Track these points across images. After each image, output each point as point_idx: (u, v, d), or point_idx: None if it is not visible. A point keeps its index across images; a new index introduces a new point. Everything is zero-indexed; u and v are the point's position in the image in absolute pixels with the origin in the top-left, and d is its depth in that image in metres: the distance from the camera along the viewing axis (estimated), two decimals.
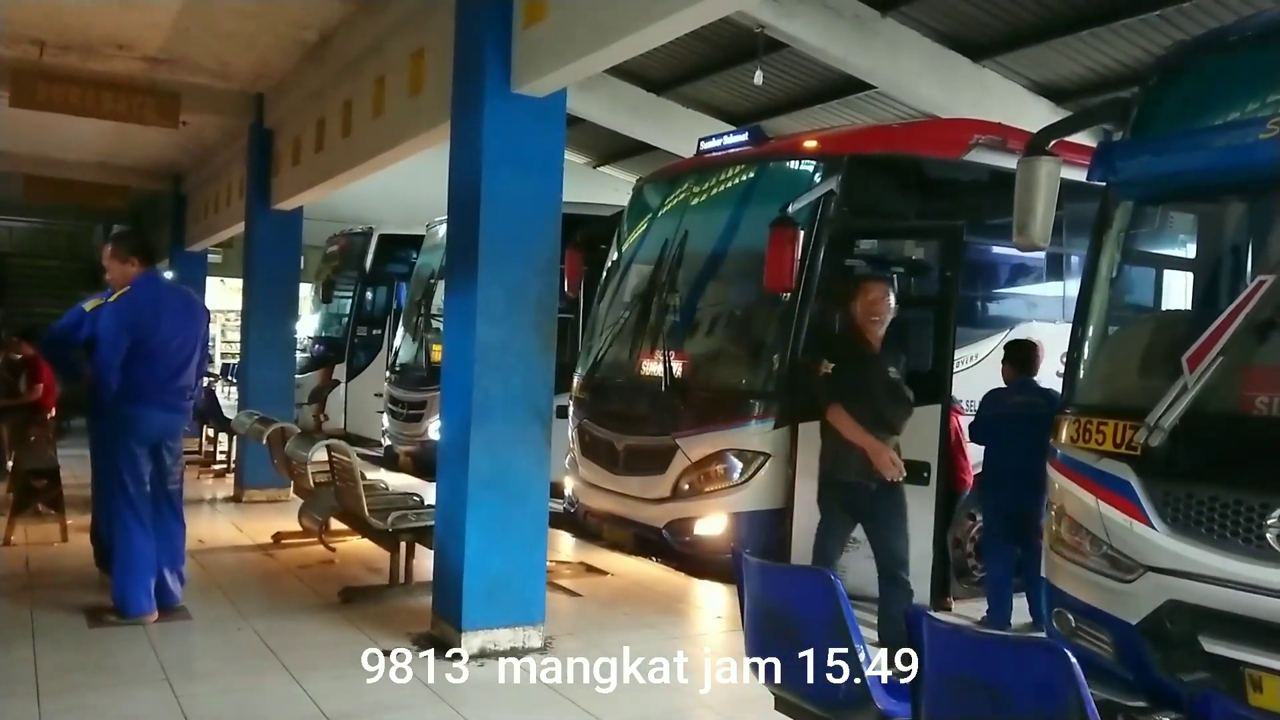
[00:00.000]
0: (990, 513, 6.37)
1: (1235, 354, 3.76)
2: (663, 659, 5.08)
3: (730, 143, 7.73)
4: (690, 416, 6.86)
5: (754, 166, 7.43)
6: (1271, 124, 3.83)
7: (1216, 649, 3.68)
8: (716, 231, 7.45)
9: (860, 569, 6.18)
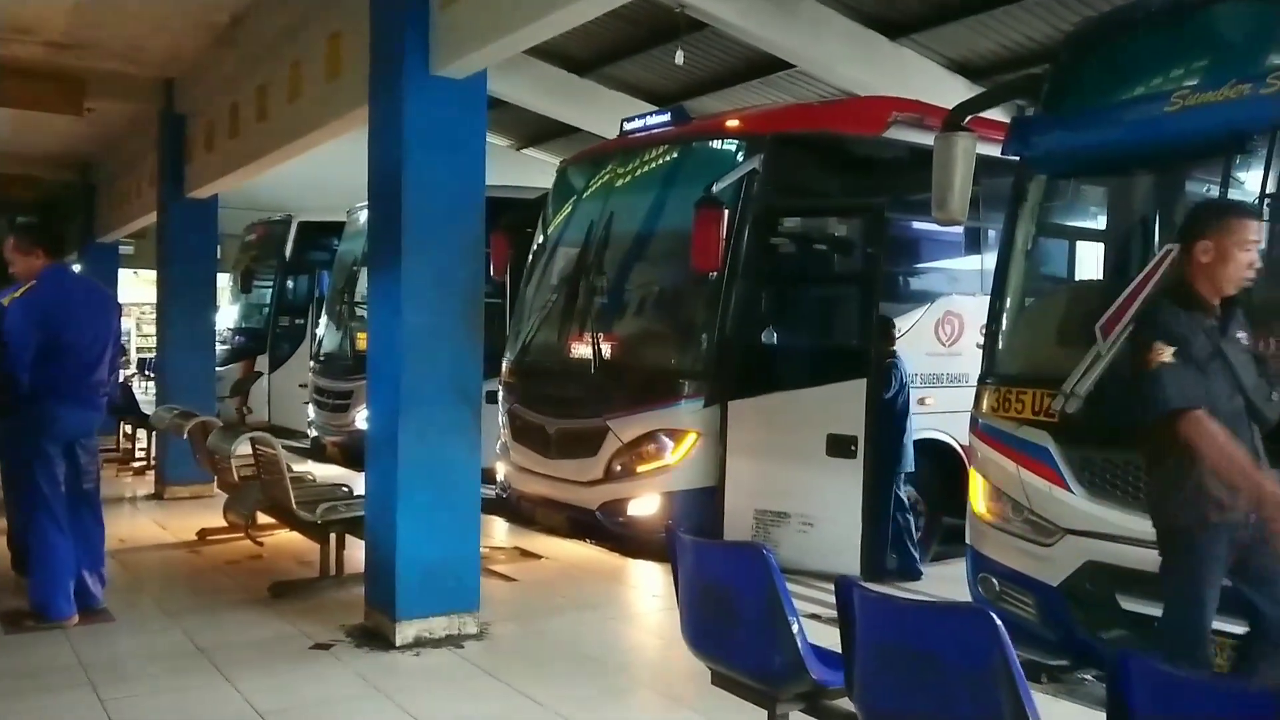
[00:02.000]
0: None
1: None
2: (601, 640, 5.11)
3: (653, 123, 7.73)
4: (621, 398, 6.88)
5: (677, 147, 7.45)
6: (1175, 98, 3.97)
7: (1133, 606, 3.83)
8: (642, 212, 7.46)
9: (793, 543, 6.30)
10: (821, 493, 6.31)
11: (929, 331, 7.03)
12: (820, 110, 8.49)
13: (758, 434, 6.45)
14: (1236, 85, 3.76)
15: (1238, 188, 4.08)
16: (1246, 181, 3.99)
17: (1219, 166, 4.20)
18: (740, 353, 6.59)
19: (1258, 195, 3.78)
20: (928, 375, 6.92)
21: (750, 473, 6.47)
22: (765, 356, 6.71)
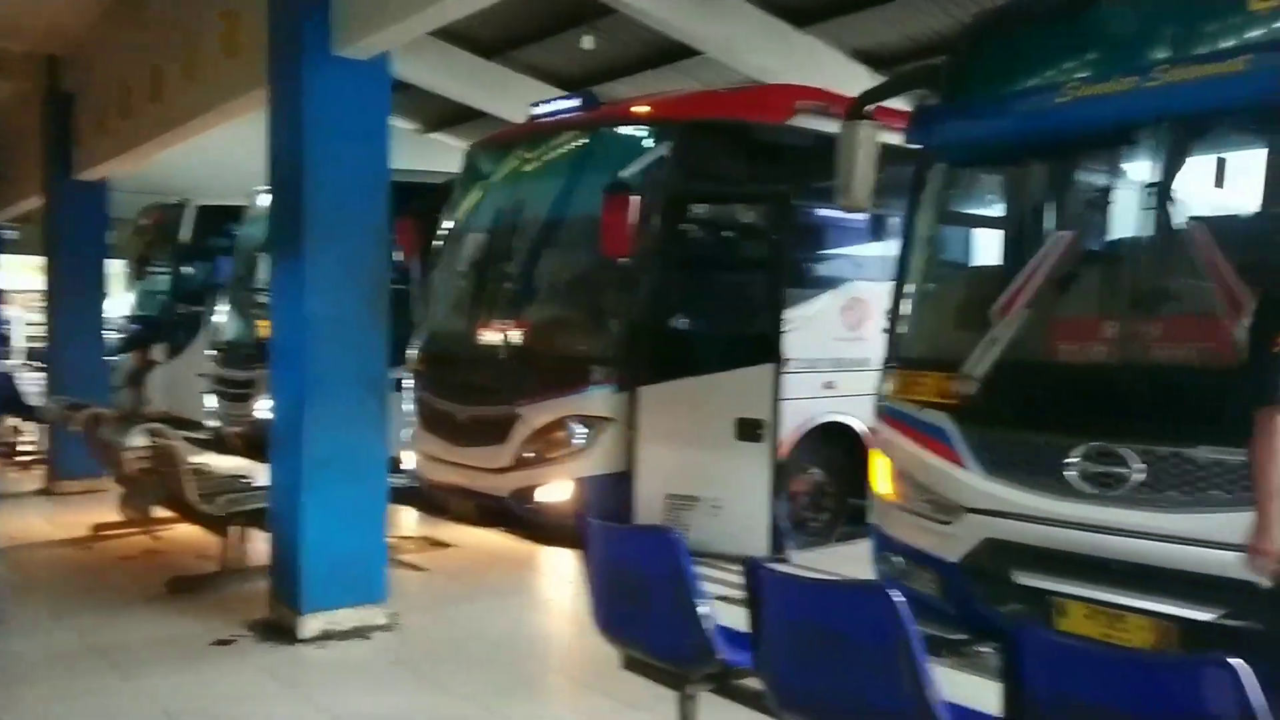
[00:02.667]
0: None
1: (1039, 306, 4.04)
2: (512, 628, 5.09)
3: (562, 108, 7.68)
4: (531, 385, 6.85)
5: (587, 132, 7.42)
6: (1066, 89, 4.10)
7: (1027, 581, 3.97)
8: (551, 198, 7.42)
9: (703, 526, 6.37)
10: (730, 476, 6.41)
11: (834, 317, 7.16)
12: (728, 97, 8.54)
13: (668, 419, 6.50)
14: (1124, 78, 3.90)
15: (1125, 177, 4.25)
16: (1133, 171, 4.15)
17: (1108, 156, 4.37)
18: (650, 339, 6.62)
19: (1144, 185, 3.92)
20: (833, 360, 7.05)
21: (661, 458, 6.50)
22: (675, 342, 6.74)
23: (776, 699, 2.50)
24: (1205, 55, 3.81)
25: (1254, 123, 4.08)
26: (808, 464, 7.12)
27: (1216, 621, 3.45)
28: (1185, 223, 3.69)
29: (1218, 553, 3.43)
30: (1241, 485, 3.40)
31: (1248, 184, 4.38)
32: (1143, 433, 3.67)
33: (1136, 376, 3.78)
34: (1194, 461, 3.53)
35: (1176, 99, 3.74)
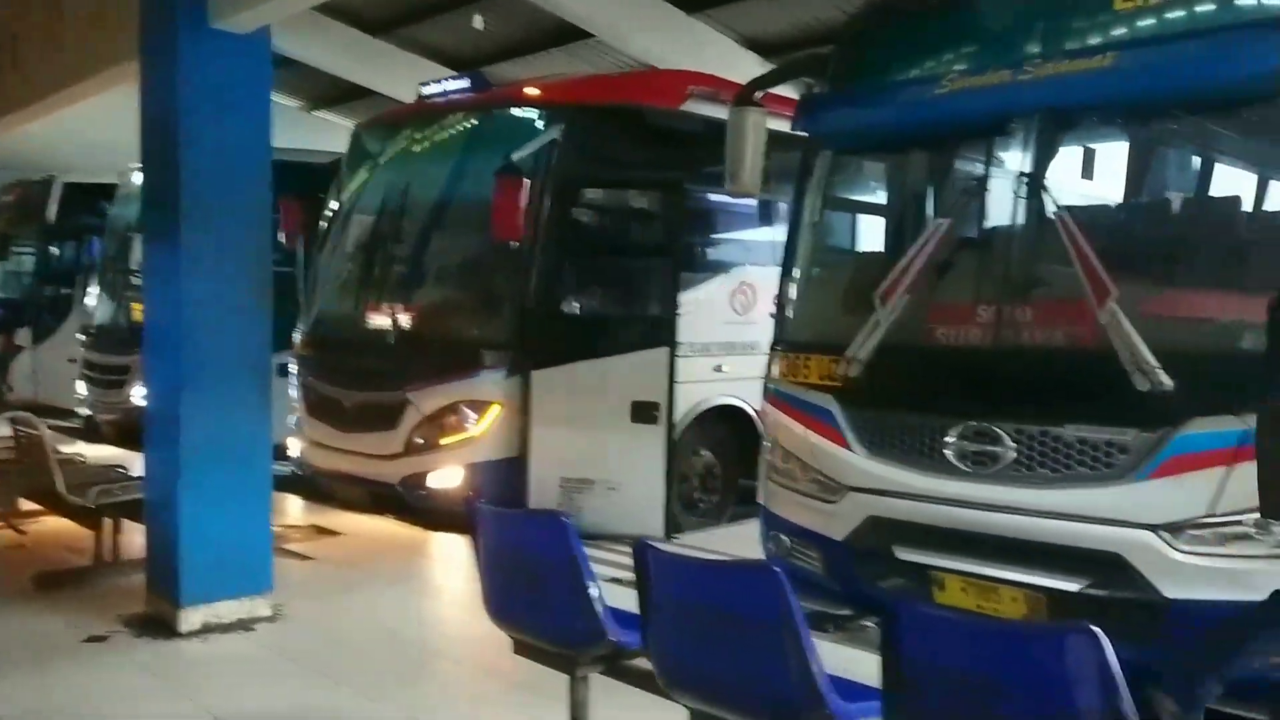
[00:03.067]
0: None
1: (919, 291, 4.16)
2: (402, 615, 5.03)
3: (452, 89, 7.56)
4: (422, 370, 6.75)
5: (477, 114, 7.33)
6: (946, 80, 4.23)
7: (908, 556, 4.10)
8: (441, 179, 7.31)
9: (598, 508, 6.40)
10: (626, 458, 6.49)
11: (724, 301, 7.25)
12: (620, 81, 8.56)
13: (562, 403, 6.50)
14: (999, 71, 4.04)
15: (1000, 167, 4.40)
16: (1007, 161, 4.30)
17: (984, 146, 4.52)
18: (543, 323, 6.59)
19: (1017, 174, 4.08)
20: (724, 343, 7.15)
21: (555, 441, 6.50)
22: (568, 326, 6.74)
23: (665, 678, 2.54)
24: (1074, 51, 3.98)
25: (1118, 117, 4.28)
26: (699, 446, 7.20)
27: (1082, 591, 3.62)
28: (1054, 211, 3.84)
29: (1083, 526, 3.62)
30: (1104, 463, 3.60)
31: (1113, 175, 4.61)
32: (1015, 412, 3.82)
33: (1009, 358, 3.93)
34: (1061, 439, 3.70)
35: (1047, 92, 3.90)
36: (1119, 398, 3.53)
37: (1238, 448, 3.37)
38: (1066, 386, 3.80)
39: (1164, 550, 3.46)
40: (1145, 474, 3.51)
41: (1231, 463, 3.37)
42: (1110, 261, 3.66)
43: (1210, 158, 4.61)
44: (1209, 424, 3.42)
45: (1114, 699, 1.76)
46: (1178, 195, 4.63)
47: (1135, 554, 3.51)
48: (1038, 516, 3.72)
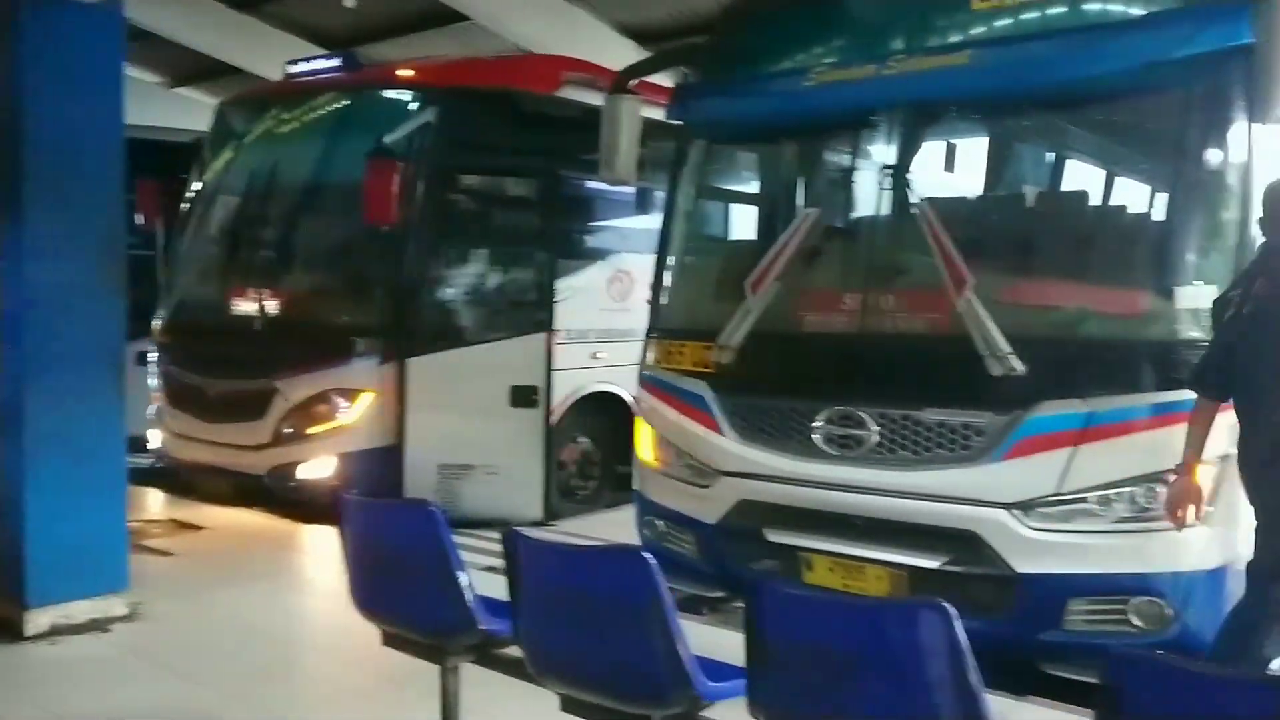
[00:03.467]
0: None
1: (789, 278, 4.26)
2: (268, 611, 4.88)
3: (321, 68, 7.35)
4: (291, 357, 6.56)
5: (349, 95, 7.14)
6: (815, 73, 4.33)
7: (778, 538, 4.21)
8: (310, 161, 7.10)
9: (477, 494, 6.39)
10: (504, 442, 6.51)
11: (602, 288, 7.26)
12: (495, 65, 8.44)
13: (439, 390, 6.43)
14: (865, 66, 4.16)
15: (865, 159, 4.53)
16: (873, 154, 4.43)
17: (851, 139, 4.65)
18: (417, 309, 6.49)
19: (882, 167, 4.20)
20: (601, 330, 7.17)
21: (432, 428, 6.43)
22: (443, 312, 6.66)
23: (535, 665, 2.53)
24: (935, 48, 4.13)
25: (976, 112, 4.46)
26: (576, 433, 7.22)
27: (940, 568, 3.78)
28: (916, 203, 3.98)
29: (942, 505, 3.78)
30: (961, 445, 3.76)
31: (971, 169, 4.80)
32: (878, 397, 3.96)
33: (873, 345, 4.07)
34: (922, 423, 3.85)
35: (909, 87, 4.03)
36: (975, 383, 3.69)
37: (1083, 429, 3.57)
38: (927, 372, 3.96)
39: (1015, 527, 3.65)
40: (999, 455, 3.68)
41: (1077, 443, 3.57)
42: (968, 251, 3.82)
43: (1061, 154, 4.85)
44: (1057, 407, 3.61)
45: (962, 669, 1.84)
46: (1031, 189, 4.86)
47: (989, 531, 3.68)
48: (899, 497, 3.87)
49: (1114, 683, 1.70)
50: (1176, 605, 3.49)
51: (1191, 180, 3.78)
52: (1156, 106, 3.96)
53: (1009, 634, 3.70)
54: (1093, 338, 3.80)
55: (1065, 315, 3.91)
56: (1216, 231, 3.68)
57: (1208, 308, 3.54)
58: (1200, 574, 3.51)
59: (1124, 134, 4.44)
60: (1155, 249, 3.92)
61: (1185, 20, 3.57)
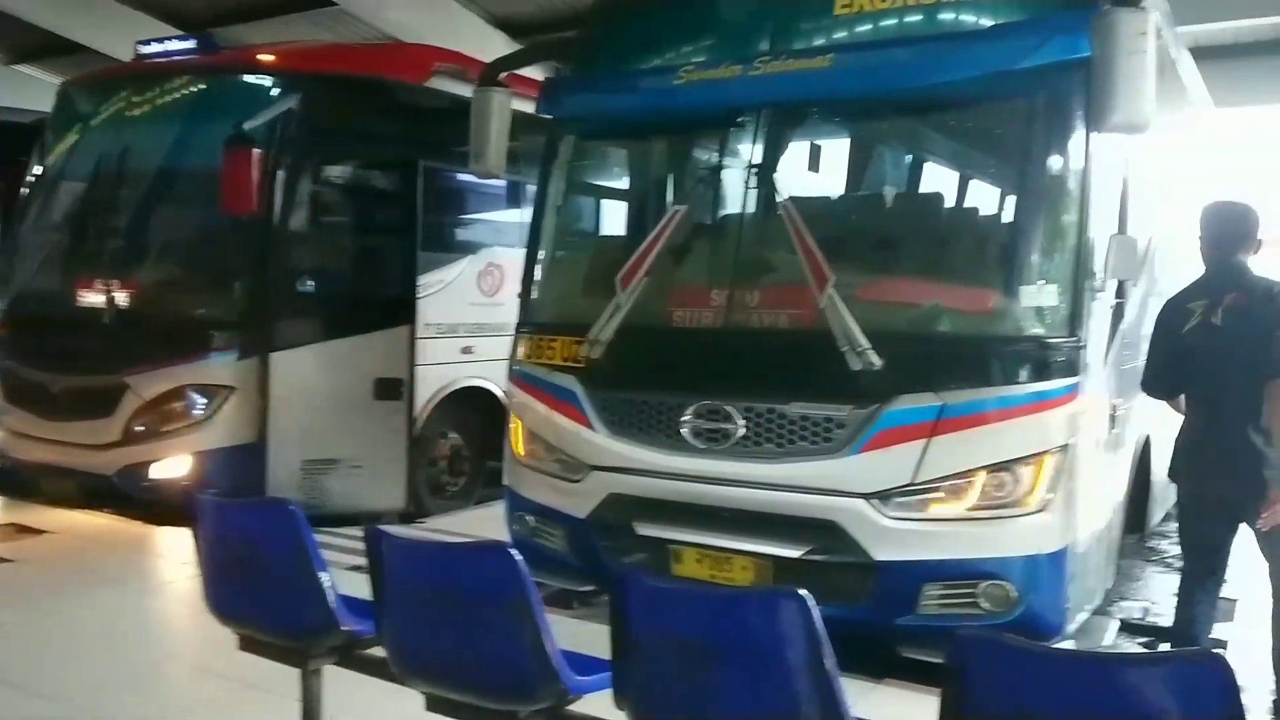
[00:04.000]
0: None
1: (658, 274, 4.30)
2: (119, 617, 4.66)
3: (175, 49, 7.03)
4: (143, 351, 6.26)
5: (206, 78, 6.83)
6: (684, 72, 4.38)
7: (648, 531, 4.25)
8: (164, 147, 6.76)
9: (343, 488, 6.33)
10: (369, 435, 6.46)
11: (472, 282, 7.18)
12: (363, 53, 8.26)
13: (302, 384, 6.25)
14: (732, 66, 4.23)
15: (733, 157, 4.61)
16: (739, 152, 4.51)
17: (718, 137, 4.72)
18: (279, 302, 6.27)
19: (748, 165, 4.28)
20: (471, 325, 7.09)
21: (295, 424, 6.25)
22: (306, 305, 6.45)
23: (400, 665, 2.50)
24: (800, 50, 4.23)
25: (837, 115, 4.60)
26: (446, 429, 7.12)
27: (803, 558, 3.89)
28: (780, 202, 4.07)
29: (805, 496, 3.89)
30: (823, 438, 3.87)
31: (834, 169, 4.95)
32: (744, 391, 4.04)
33: (739, 340, 4.15)
34: (786, 416, 3.95)
35: (774, 88, 4.12)
36: (836, 377, 3.81)
37: (936, 421, 3.73)
38: (790, 367, 4.06)
39: (873, 516, 3.78)
40: (858, 447, 3.81)
41: (931, 435, 3.73)
42: (830, 250, 3.94)
43: (918, 156, 5.05)
44: (913, 400, 3.76)
45: (819, 655, 1.90)
46: (890, 190, 5.03)
47: (849, 521, 3.81)
48: (764, 489, 3.96)
49: (958, 663, 1.78)
50: (1021, 588, 3.68)
51: (1035, 185, 3.99)
52: (1004, 114, 4.17)
53: (867, 619, 3.84)
54: (946, 334, 3.98)
55: (921, 312, 4.07)
56: (1058, 234, 3.88)
57: (1051, 305, 3.77)
58: (1042, 557, 3.70)
59: (976, 139, 4.65)
60: (1002, 250, 4.13)
61: (1030, 33, 3.76)
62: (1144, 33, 3.40)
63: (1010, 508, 3.67)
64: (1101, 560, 4.30)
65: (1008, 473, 3.64)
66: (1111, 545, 4.48)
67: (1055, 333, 3.75)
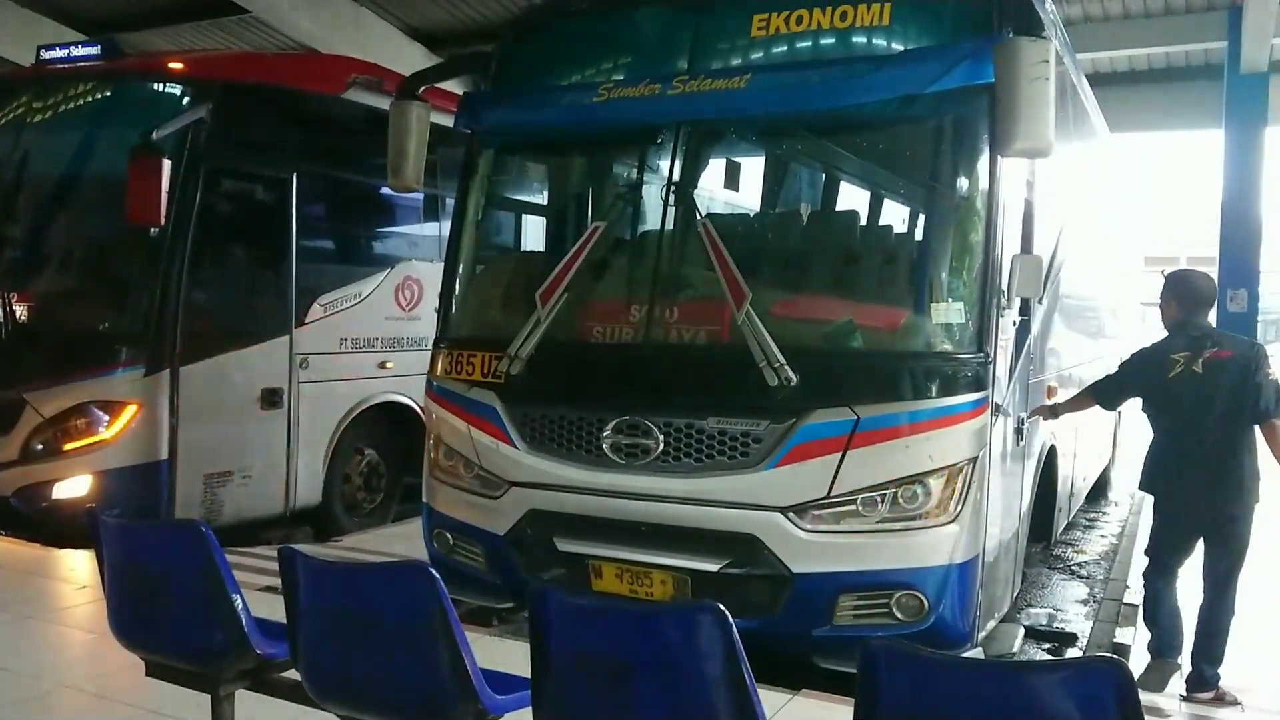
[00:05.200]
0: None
1: (577, 290, 4.31)
2: (14, 644, 4.47)
3: (78, 54, 6.81)
4: (42, 366, 6.03)
5: (110, 84, 6.63)
6: (603, 89, 4.40)
7: (568, 547, 4.24)
8: (67, 154, 6.57)
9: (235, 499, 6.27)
10: (256, 444, 6.45)
11: (389, 296, 7.11)
12: (277, 62, 8.09)
13: (203, 398, 6.13)
14: (650, 84, 4.27)
15: (651, 174, 4.65)
16: (658, 169, 4.56)
17: (637, 154, 4.76)
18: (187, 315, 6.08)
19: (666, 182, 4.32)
20: (388, 339, 7.01)
21: (198, 438, 6.12)
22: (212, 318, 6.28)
23: (314, 688, 2.45)
24: (717, 70, 4.29)
25: (753, 134, 4.68)
26: (362, 445, 7.02)
27: (720, 571, 3.93)
28: (698, 219, 4.11)
29: (723, 510, 3.92)
30: (741, 452, 3.92)
31: (751, 187, 5.02)
32: (663, 407, 4.07)
33: (658, 356, 4.18)
34: (704, 431, 3.98)
35: (692, 107, 4.17)
36: (753, 393, 3.86)
37: (851, 435, 3.80)
38: (708, 382, 4.11)
39: (790, 529, 3.84)
40: (775, 461, 3.86)
41: (846, 449, 3.80)
42: (746, 267, 4.00)
43: (833, 175, 5.16)
44: (827, 415, 3.82)
45: (736, 668, 1.93)
46: (806, 208, 5.13)
47: (767, 534, 3.86)
48: (683, 503, 3.98)
49: (868, 672, 1.83)
50: (932, 597, 3.77)
51: (943, 205, 4.12)
52: (914, 136, 4.29)
53: (785, 631, 3.89)
54: (859, 349, 4.06)
55: (835, 328, 4.14)
56: (965, 252, 4.00)
57: (959, 322, 3.89)
58: (953, 568, 3.80)
59: (887, 159, 4.76)
60: (913, 268, 4.25)
61: (938, 58, 3.88)
62: (1045, 60, 3.53)
63: (922, 519, 3.76)
64: (1009, 569, 4.44)
65: (920, 485, 3.74)
66: (1019, 554, 4.62)
67: (964, 349, 3.87)
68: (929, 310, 3.97)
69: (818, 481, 3.81)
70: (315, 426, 6.65)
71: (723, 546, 3.95)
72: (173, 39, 12.26)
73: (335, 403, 6.72)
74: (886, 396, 3.82)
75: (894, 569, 3.79)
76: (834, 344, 4.08)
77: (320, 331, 6.64)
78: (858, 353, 4.06)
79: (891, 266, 4.45)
